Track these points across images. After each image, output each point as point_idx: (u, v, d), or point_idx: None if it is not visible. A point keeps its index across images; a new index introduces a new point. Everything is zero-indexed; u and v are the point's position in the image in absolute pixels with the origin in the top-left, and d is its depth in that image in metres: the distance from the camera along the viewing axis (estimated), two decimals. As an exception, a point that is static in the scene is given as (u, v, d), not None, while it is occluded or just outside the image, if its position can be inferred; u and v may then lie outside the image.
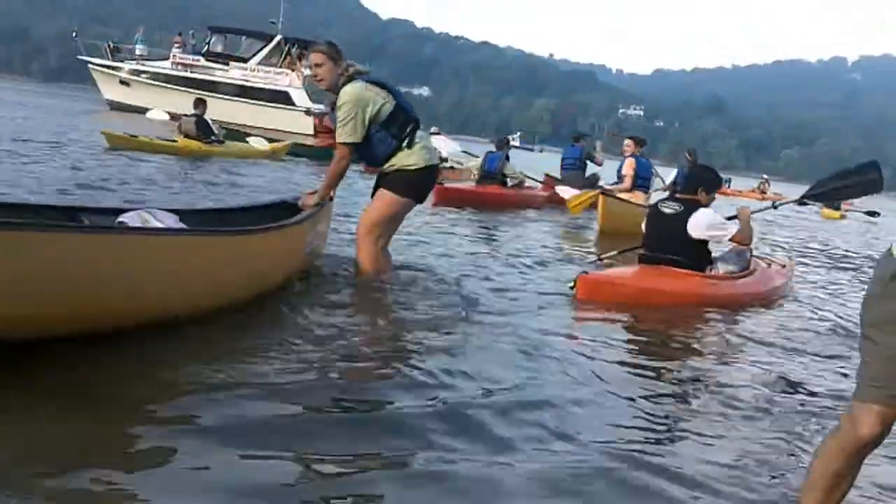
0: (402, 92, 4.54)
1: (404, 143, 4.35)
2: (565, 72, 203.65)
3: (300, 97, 33.29)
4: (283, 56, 33.76)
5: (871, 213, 12.73)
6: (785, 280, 5.86)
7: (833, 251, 10.85)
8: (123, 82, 32.54)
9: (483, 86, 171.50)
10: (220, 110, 31.45)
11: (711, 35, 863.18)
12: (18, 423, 2.14)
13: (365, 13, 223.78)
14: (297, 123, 29.67)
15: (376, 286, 4.28)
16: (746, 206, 5.67)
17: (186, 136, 13.09)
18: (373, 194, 4.55)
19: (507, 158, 11.36)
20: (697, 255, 4.99)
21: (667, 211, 5.06)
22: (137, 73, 32.75)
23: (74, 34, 35.95)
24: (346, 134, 4.23)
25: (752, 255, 5.56)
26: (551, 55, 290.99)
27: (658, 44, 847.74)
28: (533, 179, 12.63)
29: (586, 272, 4.80)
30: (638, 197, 9.44)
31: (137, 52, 34.70)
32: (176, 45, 33.71)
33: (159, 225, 3.36)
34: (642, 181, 9.83)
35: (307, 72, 37.49)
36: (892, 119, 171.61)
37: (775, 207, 6.54)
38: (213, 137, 13.38)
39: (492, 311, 4.15)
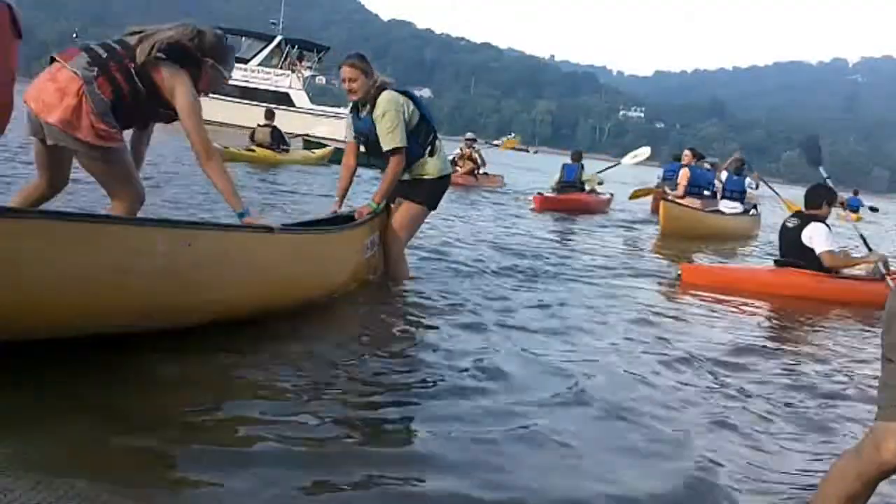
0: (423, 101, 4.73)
1: (426, 152, 4.56)
2: (566, 73, 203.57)
3: (300, 98, 33.30)
4: (284, 57, 33.77)
5: (873, 209, 13.63)
6: None
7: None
8: (124, 83, 32.53)
9: (484, 87, 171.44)
10: (221, 111, 31.43)
11: (711, 36, 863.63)
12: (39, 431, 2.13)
13: (366, 14, 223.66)
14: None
15: (409, 289, 4.54)
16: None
17: (260, 145, 13.98)
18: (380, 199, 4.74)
19: (583, 168, 12.87)
20: (816, 260, 5.89)
21: (789, 224, 6.13)
22: (138, 74, 32.76)
23: (75, 35, 35.99)
24: (398, 139, 4.37)
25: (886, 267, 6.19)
26: (552, 56, 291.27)
27: (658, 45, 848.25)
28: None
29: (690, 261, 6.58)
30: (693, 202, 10.72)
31: (138, 53, 34.71)
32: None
33: None
34: (696, 188, 11.15)
35: (307, 73, 37.61)
36: (892, 120, 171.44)
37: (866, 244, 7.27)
38: (282, 146, 14.33)
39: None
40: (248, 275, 3.11)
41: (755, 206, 11.85)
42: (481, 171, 15.63)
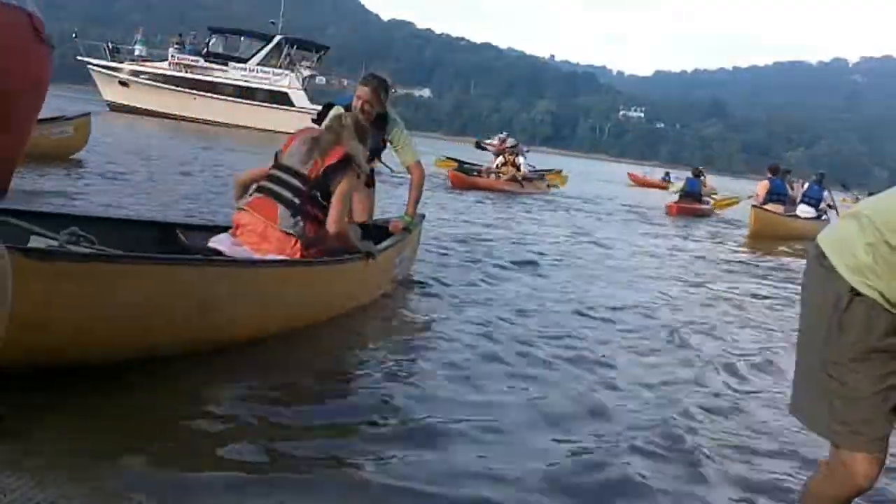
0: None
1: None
2: (566, 73, 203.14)
3: (299, 98, 33.24)
4: (283, 57, 33.71)
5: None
6: None
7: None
8: (123, 83, 32.47)
9: (484, 87, 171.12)
10: (220, 111, 31.37)
11: (711, 36, 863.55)
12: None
13: (366, 14, 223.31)
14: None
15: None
16: None
17: None
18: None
19: (704, 184, 15.65)
20: None
21: None
22: (136, 73, 32.69)
23: (74, 35, 35.97)
24: (418, 152, 4.64)
25: None
26: (552, 56, 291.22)
27: (658, 45, 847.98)
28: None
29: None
30: (776, 208, 13.01)
31: (136, 52, 34.68)
32: (175, 45, 33.69)
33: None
34: (777, 196, 13.28)
35: (307, 72, 37.49)
36: (892, 120, 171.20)
37: None
38: None
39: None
40: (296, 301, 3.30)
41: (825, 212, 13.85)
42: (526, 178, 15.63)
